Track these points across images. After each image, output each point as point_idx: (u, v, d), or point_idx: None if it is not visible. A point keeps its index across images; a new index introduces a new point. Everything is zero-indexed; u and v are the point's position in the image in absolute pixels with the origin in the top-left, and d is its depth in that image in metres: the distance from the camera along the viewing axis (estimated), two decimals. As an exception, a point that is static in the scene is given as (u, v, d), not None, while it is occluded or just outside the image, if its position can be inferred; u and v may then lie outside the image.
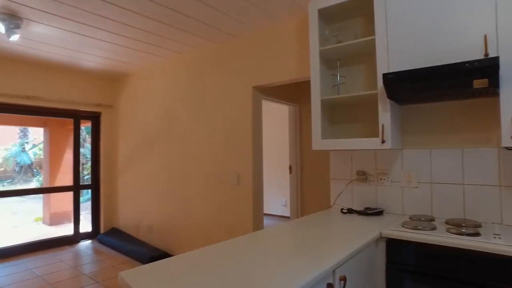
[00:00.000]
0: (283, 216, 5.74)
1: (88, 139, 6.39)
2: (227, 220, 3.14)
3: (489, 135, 1.84)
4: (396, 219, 1.94)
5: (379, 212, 2.10)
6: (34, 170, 10.10)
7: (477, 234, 1.51)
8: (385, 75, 1.73)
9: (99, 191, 4.78)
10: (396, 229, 1.67)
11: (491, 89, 1.53)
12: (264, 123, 3.17)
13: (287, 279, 1.03)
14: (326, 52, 2.20)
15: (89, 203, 4.96)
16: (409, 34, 1.81)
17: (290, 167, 4.07)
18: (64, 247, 4.27)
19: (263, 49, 2.93)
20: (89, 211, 4.88)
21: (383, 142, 1.88)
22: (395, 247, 1.63)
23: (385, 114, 1.89)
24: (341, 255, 1.27)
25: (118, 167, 4.74)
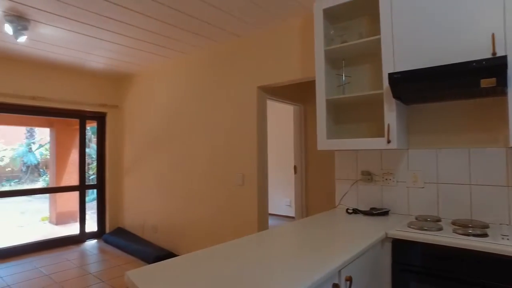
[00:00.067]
0: (288, 216, 5.73)
1: (94, 139, 6.44)
2: (232, 220, 3.15)
3: (496, 135, 1.82)
4: (402, 220, 1.92)
5: (384, 213, 2.09)
6: (41, 170, 10.21)
7: (484, 235, 1.49)
8: (390, 75, 1.72)
9: (104, 191, 4.81)
10: (402, 229, 1.66)
11: (499, 88, 1.51)
12: (268, 123, 3.17)
13: (293, 279, 1.03)
14: (331, 52, 2.19)
15: (94, 203, 5.00)
16: (414, 33, 1.80)
17: (295, 167, 4.06)
18: (70, 247, 4.31)
19: (268, 49, 2.93)
20: (94, 211, 4.92)
21: (389, 142, 1.87)
22: (401, 248, 1.62)
23: (390, 114, 1.88)
24: (346, 255, 1.27)
25: (123, 167, 4.77)
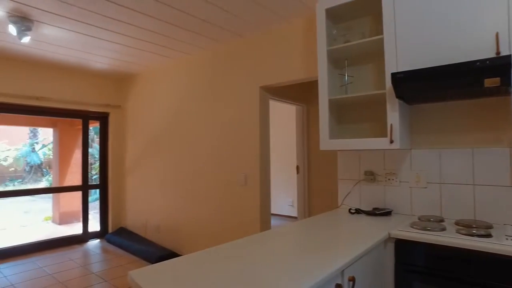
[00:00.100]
0: (290, 216, 5.73)
1: (97, 139, 6.45)
2: (235, 220, 3.15)
3: (500, 134, 1.81)
4: (405, 220, 1.92)
5: (387, 213, 2.08)
6: (44, 170, 10.24)
7: (488, 235, 1.49)
8: (393, 75, 1.72)
9: (107, 191, 4.83)
10: (405, 229, 1.65)
11: (503, 88, 1.51)
12: (271, 123, 3.17)
13: (296, 280, 1.03)
14: (333, 51, 2.19)
15: (97, 203, 5.02)
16: (418, 33, 1.79)
17: (298, 167, 4.05)
18: (73, 246, 4.33)
19: (270, 49, 2.92)
20: (97, 211, 4.94)
21: (392, 142, 1.87)
22: (404, 248, 1.61)
23: (393, 114, 1.87)
24: (349, 255, 1.26)
25: (126, 167, 4.78)
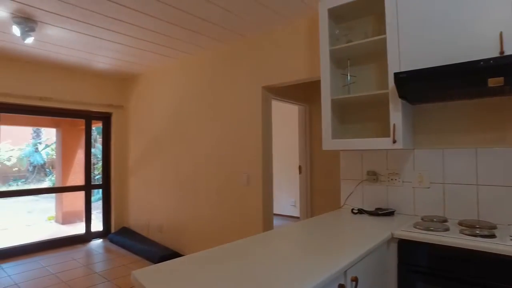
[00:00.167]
0: (292, 216, 5.72)
1: (99, 139, 6.48)
2: (237, 220, 3.15)
3: (504, 134, 1.80)
4: (408, 220, 1.91)
5: (390, 213, 2.08)
6: (47, 170, 10.29)
7: (492, 235, 1.48)
8: (396, 74, 1.71)
9: (110, 190, 4.84)
10: (408, 230, 1.65)
11: (507, 87, 1.50)
12: (273, 123, 3.16)
13: (299, 280, 1.03)
14: (336, 51, 2.18)
15: (100, 203, 5.04)
16: (421, 32, 1.79)
17: (300, 167, 4.05)
18: (76, 246, 4.34)
19: (273, 49, 2.92)
20: (100, 211, 4.96)
21: (394, 142, 1.86)
22: (407, 248, 1.61)
23: (396, 113, 1.87)
24: (352, 255, 1.26)
25: (128, 167, 4.79)
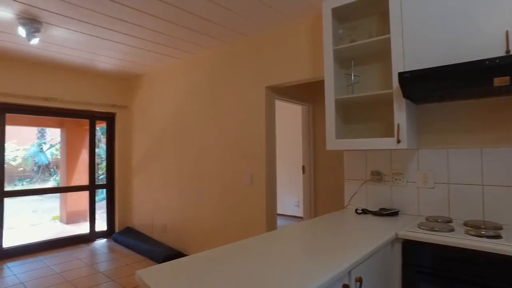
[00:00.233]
0: (296, 216, 5.72)
1: (103, 140, 6.51)
2: (241, 220, 3.15)
3: (510, 134, 1.79)
4: (412, 220, 1.90)
5: (394, 213, 2.07)
6: (51, 169, 10.36)
7: (498, 236, 1.47)
8: (400, 74, 1.71)
9: (114, 190, 4.87)
10: (412, 230, 1.64)
11: (512, 87, 1.49)
12: (277, 123, 3.16)
13: (303, 280, 1.03)
14: (340, 51, 2.18)
15: (104, 202, 5.06)
16: (425, 31, 1.78)
17: (303, 167, 4.05)
18: (80, 245, 4.37)
19: (276, 48, 2.92)
20: (104, 210, 4.98)
21: (399, 142, 1.85)
22: (411, 249, 1.60)
23: (400, 113, 1.86)
24: (356, 256, 1.26)
25: (132, 167, 4.81)
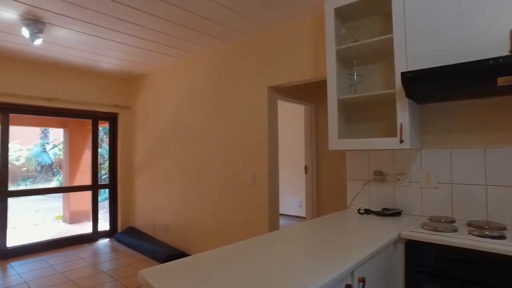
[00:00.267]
0: (298, 217, 5.71)
1: (106, 140, 6.54)
2: (243, 220, 3.15)
3: (513, 134, 1.78)
4: (415, 220, 1.90)
5: (397, 213, 2.06)
6: (54, 169, 10.42)
7: (502, 237, 1.46)
8: (403, 74, 1.70)
9: (116, 190, 4.88)
10: (415, 230, 1.64)
11: (516, 86, 1.48)
12: (279, 123, 3.16)
13: (306, 280, 1.03)
14: (342, 51, 2.18)
15: (106, 202, 5.08)
16: (428, 31, 1.77)
17: (306, 167, 4.04)
18: (83, 245, 4.39)
19: (279, 48, 2.92)
20: (107, 210, 5.00)
21: (402, 142, 1.85)
22: (414, 249, 1.59)
23: (403, 113, 1.85)
24: (359, 256, 1.25)
25: (135, 167, 4.82)
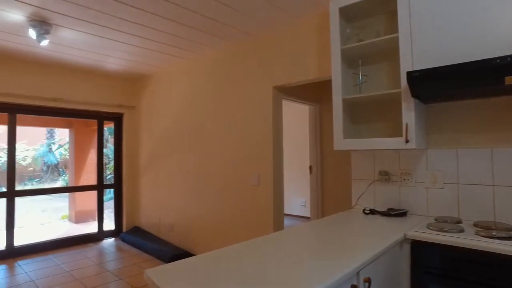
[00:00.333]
0: (303, 217, 5.70)
1: (111, 140, 6.57)
2: (248, 220, 3.16)
3: (521, 134, 1.76)
4: (421, 221, 1.88)
5: (402, 213, 2.05)
6: (60, 169, 10.51)
7: (510, 238, 1.44)
8: (409, 73, 1.69)
9: (121, 190, 4.91)
10: (421, 230, 1.62)
11: (524, 86, 1.46)
12: (284, 122, 3.16)
13: (311, 280, 1.02)
14: (347, 50, 2.17)
15: (112, 202, 5.11)
16: (434, 30, 1.76)
17: (311, 167, 4.03)
18: (89, 244, 4.42)
19: (283, 48, 2.92)
20: (112, 210, 5.03)
21: (407, 141, 1.84)
22: (420, 250, 1.58)
23: (409, 113, 1.84)
24: (365, 256, 1.25)
25: (140, 166, 4.85)
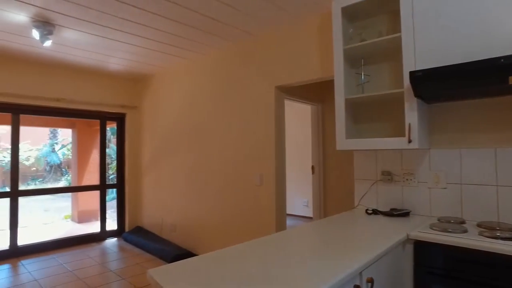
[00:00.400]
0: (305, 217, 5.70)
1: (114, 140, 6.60)
2: (250, 221, 3.16)
3: (525, 134, 1.75)
4: (424, 221, 1.88)
5: (405, 213, 2.04)
6: (63, 169, 10.55)
7: (513, 238, 1.44)
8: (412, 73, 1.68)
9: (124, 190, 4.92)
10: (424, 231, 1.62)
11: (528, 85, 1.45)
12: (286, 122, 3.15)
13: (314, 280, 1.02)
14: (350, 50, 2.16)
15: (114, 202, 5.13)
16: (437, 29, 1.75)
17: (313, 167, 4.03)
18: (91, 244, 4.43)
19: (286, 48, 2.91)
20: (114, 210, 5.04)
21: (410, 141, 1.83)
22: (423, 250, 1.58)
23: (411, 113, 1.83)
24: (367, 256, 1.25)
25: (142, 166, 4.86)
